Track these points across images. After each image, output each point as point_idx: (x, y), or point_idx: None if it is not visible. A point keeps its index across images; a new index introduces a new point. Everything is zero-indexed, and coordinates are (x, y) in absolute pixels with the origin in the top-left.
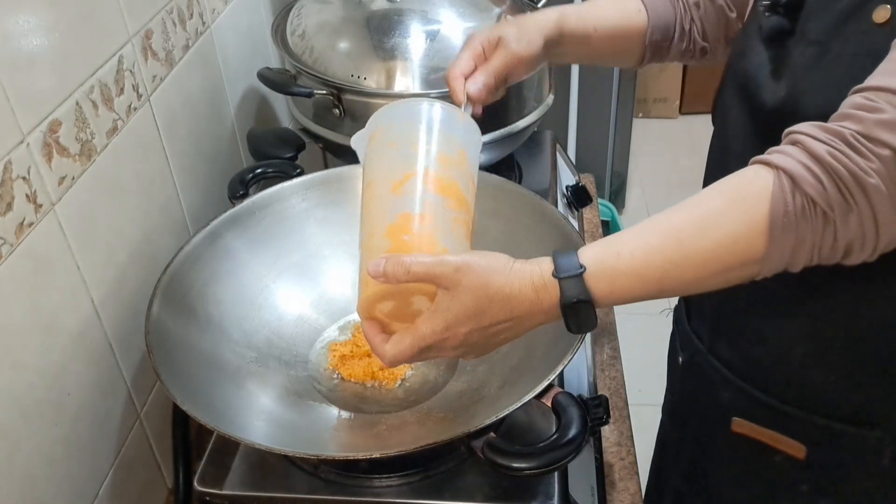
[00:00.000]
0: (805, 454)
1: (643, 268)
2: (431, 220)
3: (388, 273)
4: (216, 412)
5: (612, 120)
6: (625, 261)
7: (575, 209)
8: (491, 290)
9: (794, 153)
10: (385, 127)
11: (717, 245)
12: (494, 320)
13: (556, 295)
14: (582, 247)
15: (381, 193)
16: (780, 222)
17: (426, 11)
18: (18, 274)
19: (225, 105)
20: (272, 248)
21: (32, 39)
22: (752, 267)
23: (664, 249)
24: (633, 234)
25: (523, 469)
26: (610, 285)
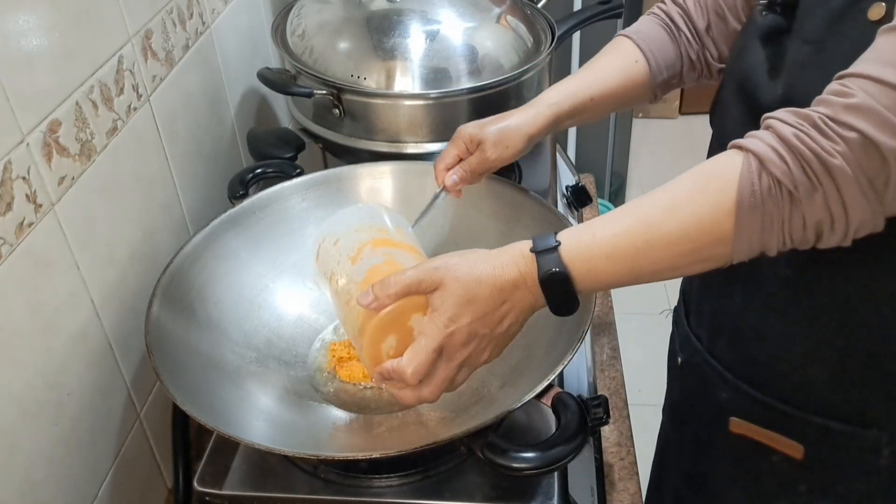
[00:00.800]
0: (803, 454)
1: (615, 248)
2: (397, 263)
3: (378, 295)
4: (216, 412)
5: (611, 120)
6: (598, 240)
7: (575, 209)
8: (476, 272)
9: (764, 137)
10: (323, 240)
11: (683, 224)
12: (490, 305)
13: (535, 269)
14: (562, 230)
15: (344, 272)
16: (746, 202)
17: (426, 11)
18: (18, 274)
19: (225, 105)
20: (272, 248)
21: (32, 39)
22: (721, 247)
23: (634, 230)
24: (609, 217)
25: (523, 469)
26: (586, 263)
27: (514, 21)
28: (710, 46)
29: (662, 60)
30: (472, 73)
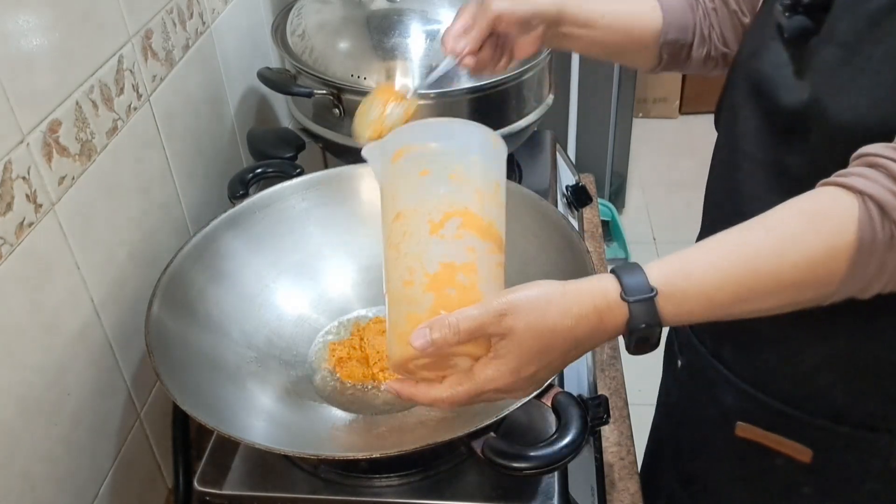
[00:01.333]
0: (811, 457)
1: (714, 291)
2: (476, 270)
3: (437, 342)
4: (216, 412)
5: (612, 120)
6: (695, 283)
7: (575, 209)
8: (550, 322)
9: (878, 178)
10: (415, 148)
11: (794, 269)
12: (561, 355)
13: (622, 317)
14: (646, 264)
15: (417, 234)
16: (867, 249)
17: (426, 11)
18: (18, 274)
19: (225, 105)
20: (272, 248)
21: (32, 39)
22: (825, 290)
23: (737, 273)
24: (704, 254)
25: (523, 469)
26: (678, 308)
27: None
28: (717, 27)
29: (677, 20)
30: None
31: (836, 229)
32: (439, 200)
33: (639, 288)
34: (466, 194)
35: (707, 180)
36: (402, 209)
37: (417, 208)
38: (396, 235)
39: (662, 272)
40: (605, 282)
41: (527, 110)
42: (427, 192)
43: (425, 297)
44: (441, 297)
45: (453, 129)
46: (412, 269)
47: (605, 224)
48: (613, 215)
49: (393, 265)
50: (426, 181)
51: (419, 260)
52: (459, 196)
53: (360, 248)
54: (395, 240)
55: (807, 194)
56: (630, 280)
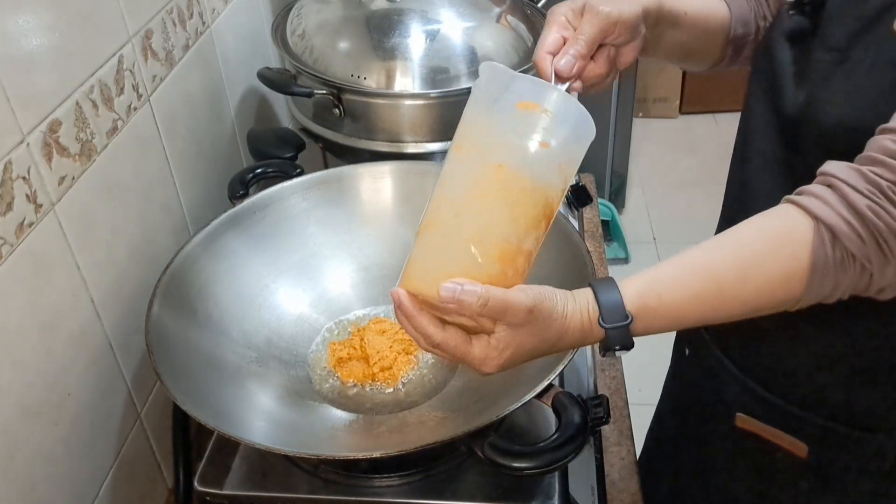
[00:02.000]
0: (807, 453)
1: (683, 311)
2: (531, 262)
3: (461, 303)
4: (216, 412)
5: (612, 120)
6: (666, 304)
7: (575, 209)
8: (547, 335)
9: (832, 202)
10: (544, 113)
11: (756, 290)
12: (539, 354)
13: (599, 337)
14: (624, 280)
15: (511, 202)
16: (819, 272)
17: (426, 11)
18: (18, 274)
19: (225, 105)
20: (272, 248)
21: (32, 39)
22: (786, 305)
23: (704, 294)
24: (674, 274)
25: (523, 469)
26: (648, 327)
27: (514, 21)
28: (769, 19)
29: (739, 14)
30: (472, 73)
31: (792, 252)
32: (550, 186)
33: (615, 312)
34: (559, 191)
35: (728, 173)
36: (505, 164)
37: (530, 178)
38: (487, 181)
39: (637, 294)
40: (587, 303)
41: None
42: (543, 168)
43: (492, 266)
44: (502, 271)
45: (581, 115)
46: (485, 228)
47: (605, 224)
48: (613, 215)
49: (464, 207)
50: (544, 155)
51: (500, 226)
52: (557, 191)
53: (360, 248)
54: (483, 185)
55: (772, 211)
56: (607, 303)
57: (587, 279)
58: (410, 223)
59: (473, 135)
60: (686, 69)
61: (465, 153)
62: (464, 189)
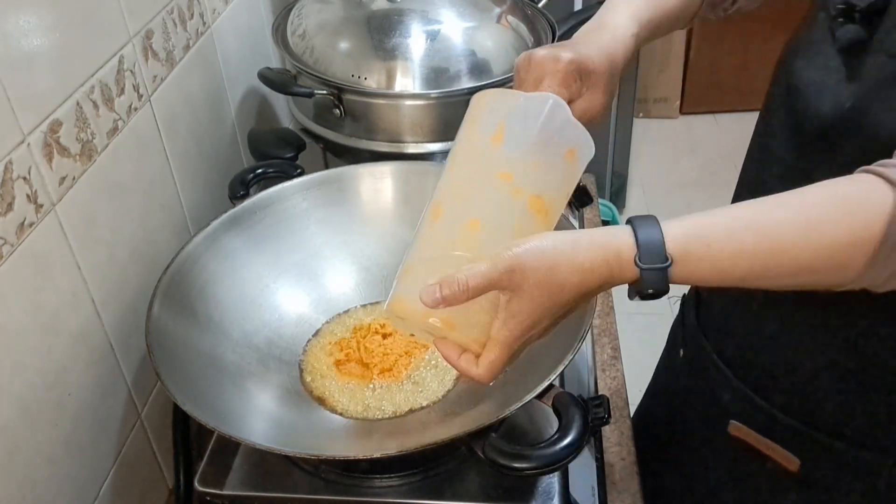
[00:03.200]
0: (798, 467)
1: (729, 265)
2: (498, 224)
3: (447, 298)
4: (216, 412)
5: (612, 120)
6: (713, 254)
7: (575, 209)
8: (560, 278)
9: None
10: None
11: (814, 254)
12: (571, 307)
13: (632, 277)
14: (666, 221)
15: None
16: (889, 247)
17: (426, 11)
18: (19, 274)
19: (225, 105)
20: (272, 248)
21: (33, 39)
22: (841, 277)
23: (756, 250)
24: (726, 223)
25: (524, 469)
26: (690, 274)
27: (514, 21)
28: None
29: None
30: (472, 73)
31: (865, 220)
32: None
33: (655, 253)
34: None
35: (739, 174)
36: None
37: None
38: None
39: (682, 236)
40: (620, 238)
41: None
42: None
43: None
44: (466, 238)
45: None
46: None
47: (606, 224)
48: (614, 215)
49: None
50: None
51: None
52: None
53: (360, 249)
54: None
55: (845, 178)
56: (647, 241)
57: None
58: (411, 223)
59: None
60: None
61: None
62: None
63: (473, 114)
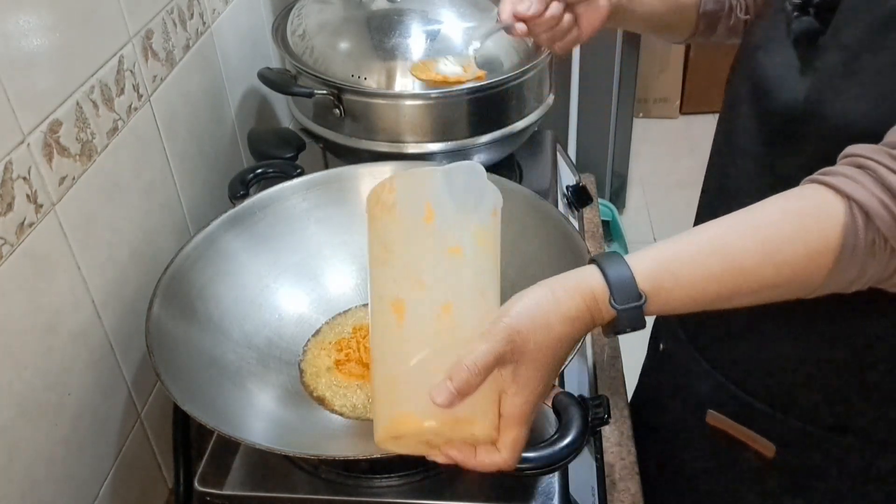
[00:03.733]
0: (774, 453)
1: (699, 292)
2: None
3: (461, 388)
4: (216, 412)
5: (612, 120)
6: (682, 285)
7: (575, 209)
8: (556, 333)
9: (866, 182)
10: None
11: (778, 272)
12: (566, 355)
13: (609, 317)
14: (631, 256)
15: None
16: (848, 255)
17: (426, 11)
18: (19, 274)
19: (225, 105)
20: (272, 249)
21: (33, 39)
22: (805, 290)
23: (723, 276)
24: (691, 252)
25: (523, 469)
26: (664, 306)
27: None
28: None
29: None
30: None
31: (821, 235)
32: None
33: (628, 292)
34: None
35: (705, 173)
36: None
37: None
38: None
39: (650, 270)
40: (591, 280)
41: (527, 110)
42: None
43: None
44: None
45: (432, 179)
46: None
47: (606, 224)
48: (614, 215)
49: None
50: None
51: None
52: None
53: (360, 248)
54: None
55: (795, 192)
56: (617, 280)
57: None
58: None
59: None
60: (663, 40)
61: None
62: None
63: (384, 207)
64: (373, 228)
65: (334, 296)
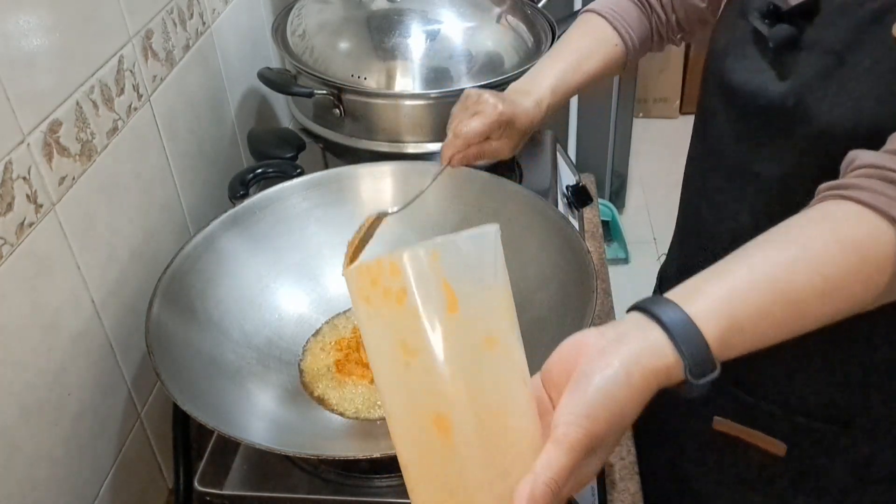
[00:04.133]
0: (786, 451)
1: (761, 340)
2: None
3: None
4: (216, 412)
5: (612, 120)
6: (747, 338)
7: (575, 209)
8: (628, 420)
9: None
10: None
11: (836, 310)
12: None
13: (678, 382)
14: (695, 306)
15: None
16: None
17: (426, 11)
18: (19, 274)
19: (225, 105)
20: (272, 248)
21: (32, 39)
22: (854, 313)
23: (785, 321)
24: (755, 303)
25: None
26: (726, 359)
27: (514, 21)
28: (672, 18)
29: (638, 39)
30: (472, 73)
31: (878, 265)
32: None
33: (703, 365)
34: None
35: (683, 178)
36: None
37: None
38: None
39: (721, 334)
40: (666, 359)
41: None
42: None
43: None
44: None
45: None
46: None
47: (606, 224)
48: (614, 215)
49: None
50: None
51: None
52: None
53: None
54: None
55: (843, 217)
56: (693, 354)
57: (588, 280)
58: (411, 224)
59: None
60: None
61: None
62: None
63: (388, 296)
64: (376, 323)
65: (334, 296)
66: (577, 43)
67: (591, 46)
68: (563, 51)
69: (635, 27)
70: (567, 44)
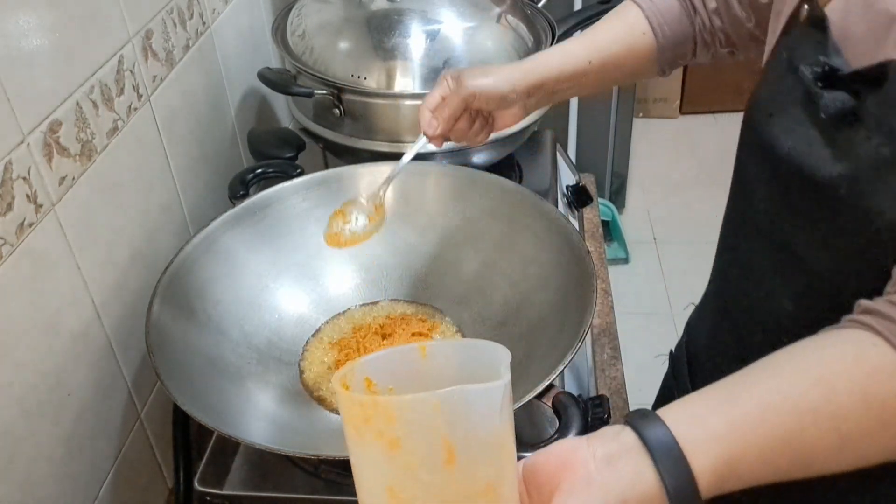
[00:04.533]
0: None
1: (758, 482)
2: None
3: None
4: (216, 412)
5: (612, 120)
6: (743, 479)
7: (575, 209)
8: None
9: None
10: None
11: (849, 463)
12: None
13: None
14: (690, 438)
15: None
16: None
17: (426, 11)
18: (19, 274)
19: (225, 105)
20: (272, 249)
21: (32, 39)
22: None
23: (790, 470)
24: (759, 451)
25: None
26: (715, 494)
27: (514, 21)
28: (720, 33)
29: (672, 37)
30: None
31: (893, 416)
32: None
33: (687, 499)
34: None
35: (723, 218)
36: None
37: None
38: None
39: (715, 477)
40: (650, 492)
41: None
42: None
43: None
44: None
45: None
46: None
47: (606, 224)
48: (614, 215)
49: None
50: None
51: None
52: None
53: (360, 249)
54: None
55: (876, 368)
56: (678, 492)
57: (588, 280)
58: (411, 223)
59: None
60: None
61: None
62: None
63: (381, 438)
64: (364, 458)
65: (334, 296)
66: (599, 25)
67: (611, 28)
68: (583, 33)
69: (671, 23)
70: (590, 27)
